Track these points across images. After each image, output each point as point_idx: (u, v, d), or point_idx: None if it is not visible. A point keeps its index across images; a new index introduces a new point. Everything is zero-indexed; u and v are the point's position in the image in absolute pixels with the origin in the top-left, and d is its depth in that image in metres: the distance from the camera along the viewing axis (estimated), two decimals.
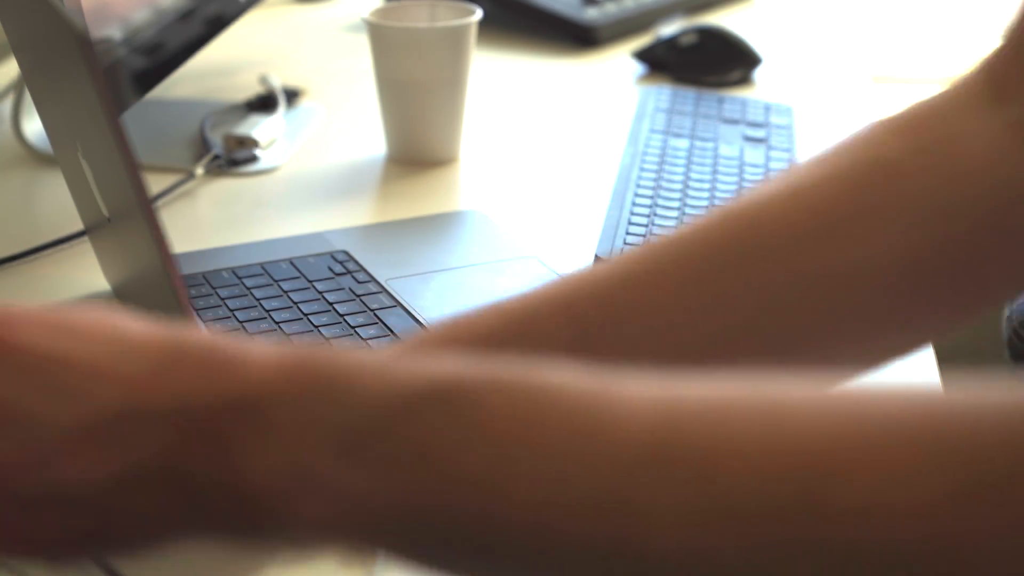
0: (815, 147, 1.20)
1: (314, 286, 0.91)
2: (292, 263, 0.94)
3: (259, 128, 1.19)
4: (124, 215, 0.70)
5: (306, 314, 0.87)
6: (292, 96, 1.29)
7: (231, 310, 0.88)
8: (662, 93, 1.28)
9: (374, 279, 0.92)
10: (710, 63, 1.37)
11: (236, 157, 1.15)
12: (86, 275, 0.94)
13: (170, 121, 1.23)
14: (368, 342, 0.83)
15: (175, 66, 1.20)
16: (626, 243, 0.96)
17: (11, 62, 1.23)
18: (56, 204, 1.05)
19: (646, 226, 1.00)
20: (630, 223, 1.00)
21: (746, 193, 0.60)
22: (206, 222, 1.06)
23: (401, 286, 0.91)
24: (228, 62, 1.41)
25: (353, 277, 0.92)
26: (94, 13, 1.09)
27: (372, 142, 1.20)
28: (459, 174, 1.15)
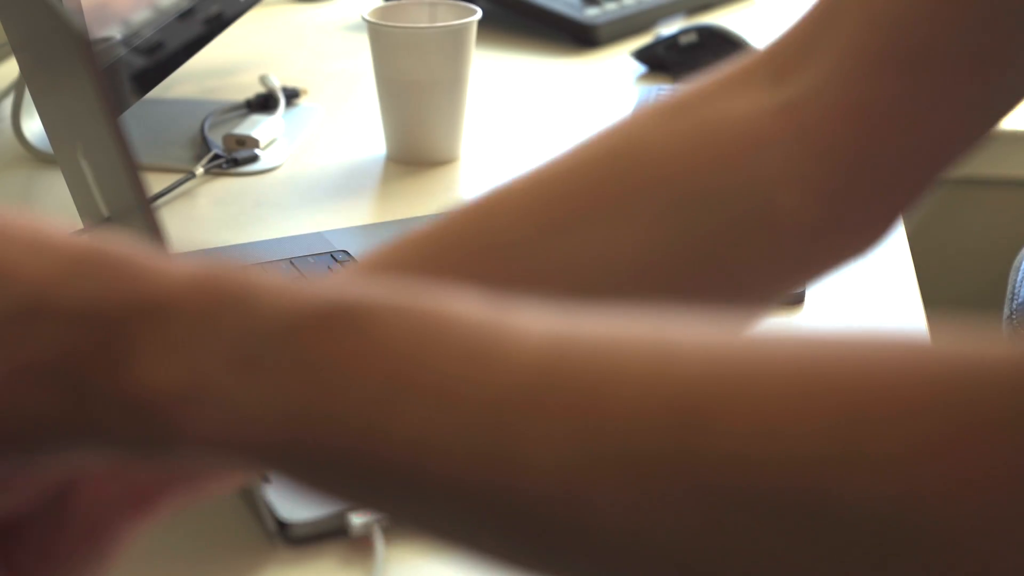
0: None
1: None
2: (292, 263, 0.94)
3: (259, 128, 1.19)
4: (124, 215, 0.70)
5: None
6: (292, 96, 1.29)
7: None
8: (662, 93, 1.28)
9: None
10: (711, 63, 1.37)
11: (236, 157, 1.15)
12: None
13: (170, 121, 1.23)
14: None
15: (175, 66, 1.20)
16: None
17: (11, 62, 1.23)
18: (56, 204, 1.05)
19: None
20: None
21: (498, 184, 0.57)
22: (206, 222, 1.06)
23: None
24: (228, 62, 1.41)
25: None
26: (94, 13, 1.09)
27: (372, 142, 1.20)
28: (459, 174, 1.15)
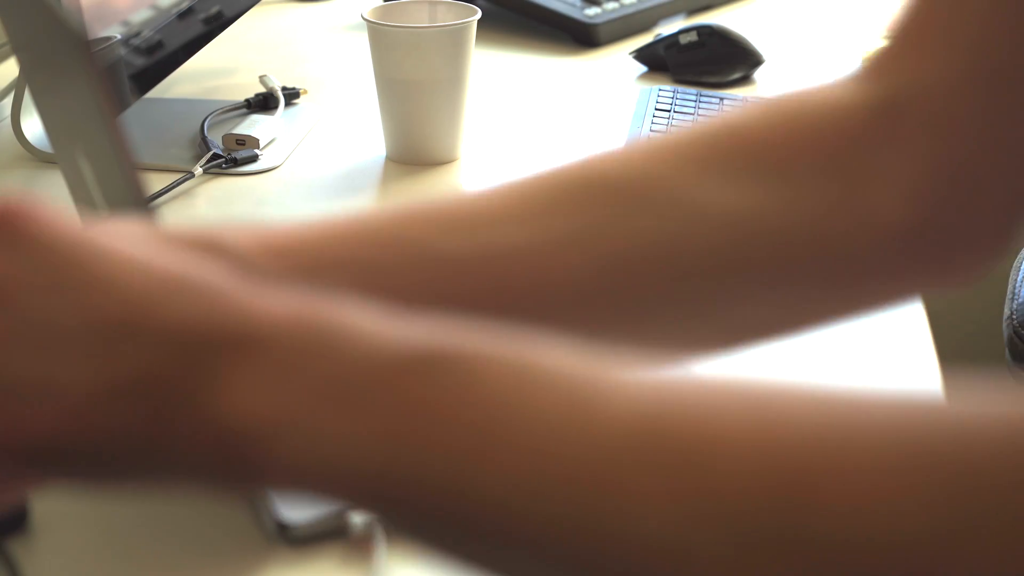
0: None
1: None
2: None
3: (259, 128, 1.19)
4: (124, 215, 0.70)
5: None
6: (292, 96, 1.29)
7: None
8: (662, 93, 1.28)
9: None
10: (711, 63, 1.37)
11: (236, 157, 1.15)
12: None
13: (170, 121, 1.23)
14: None
15: (175, 66, 1.20)
16: None
17: (11, 62, 1.23)
18: (56, 204, 1.05)
19: None
20: None
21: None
22: (206, 222, 1.06)
23: None
24: (228, 62, 1.41)
25: None
26: (94, 13, 1.09)
27: (372, 142, 1.20)
28: (459, 174, 1.15)
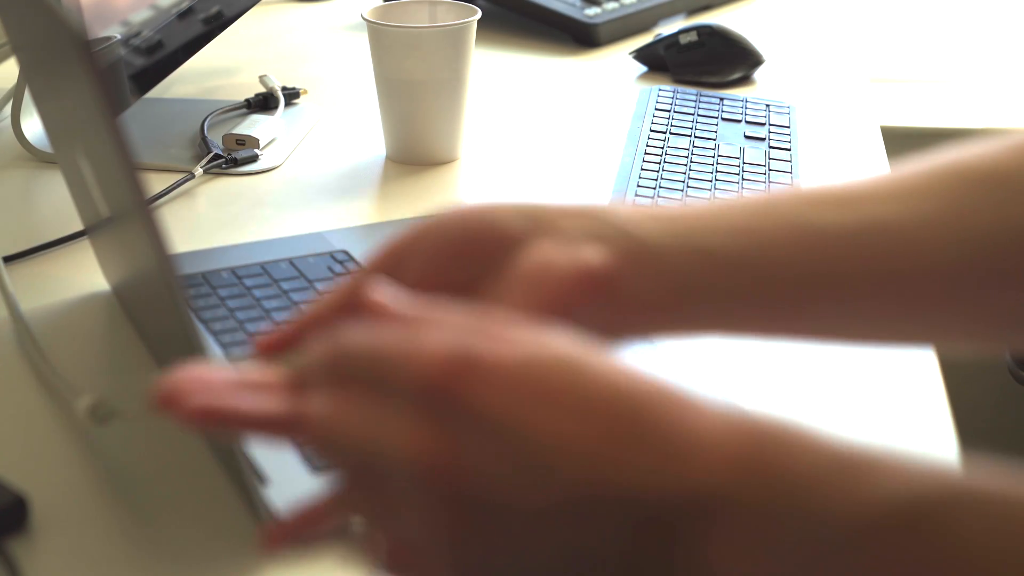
0: (815, 146, 1.20)
1: (314, 286, 0.90)
2: (292, 263, 0.94)
3: (259, 128, 1.19)
4: (124, 215, 0.70)
5: None
6: (292, 96, 1.29)
7: (231, 310, 0.88)
8: (662, 93, 1.28)
9: None
10: (711, 63, 1.37)
11: (236, 157, 1.15)
12: (86, 275, 0.94)
13: (170, 121, 1.23)
14: None
15: (175, 66, 1.20)
16: None
17: (11, 62, 1.23)
18: (56, 204, 1.05)
19: None
20: None
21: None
22: (206, 222, 1.06)
23: None
24: (228, 62, 1.41)
25: None
26: (94, 13, 1.09)
27: (372, 142, 1.20)
28: (459, 174, 1.15)
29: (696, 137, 1.18)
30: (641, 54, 1.41)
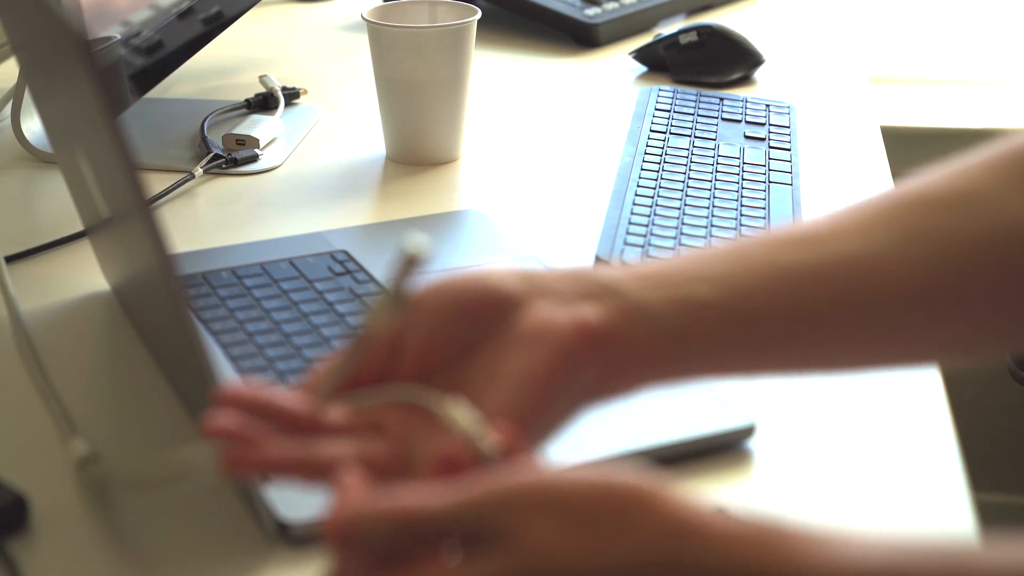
0: (815, 146, 1.20)
1: (314, 286, 0.90)
2: (292, 263, 0.94)
3: (259, 128, 1.19)
4: (124, 215, 0.70)
5: (306, 314, 0.87)
6: (292, 96, 1.29)
7: (231, 310, 0.88)
8: (662, 93, 1.28)
9: (374, 279, 0.92)
10: (711, 63, 1.37)
11: (236, 157, 1.15)
12: (86, 275, 0.94)
13: (170, 121, 1.23)
14: None
15: (175, 66, 1.20)
16: (626, 243, 0.96)
17: (11, 62, 1.23)
18: (56, 204, 1.05)
19: (646, 226, 0.99)
20: (630, 223, 1.00)
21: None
22: (206, 222, 1.06)
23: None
24: (228, 62, 1.41)
25: (353, 277, 0.92)
26: (94, 13, 1.09)
27: (372, 142, 1.20)
28: (459, 174, 1.15)
29: (696, 137, 1.18)
30: (641, 54, 1.41)
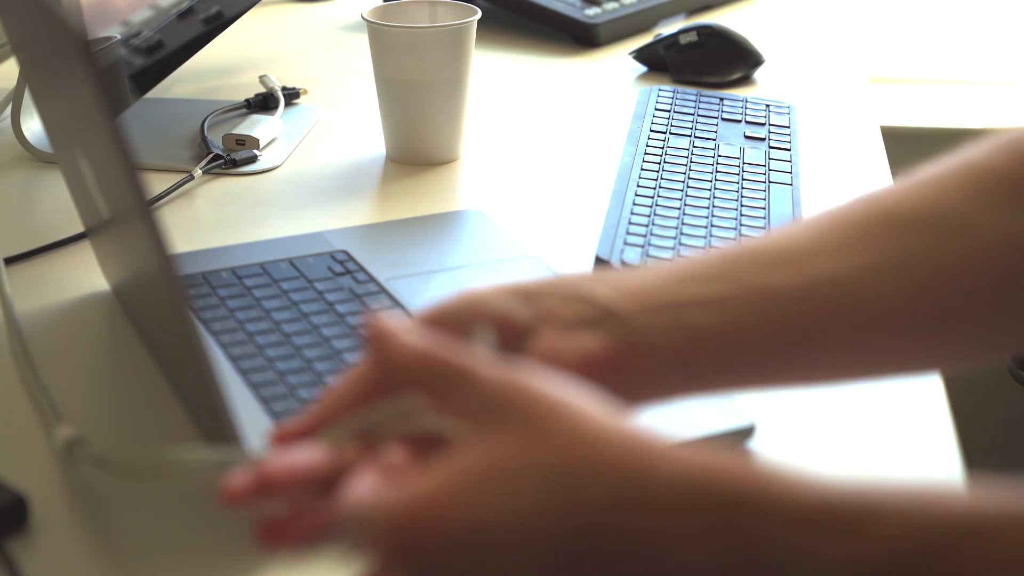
0: (815, 146, 1.20)
1: (314, 286, 0.90)
2: (292, 263, 0.94)
3: (259, 128, 1.19)
4: (124, 215, 0.70)
5: (306, 314, 0.87)
6: (292, 96, 1.29)
7: (231, 310, 0.88)
8: (662, 93, 1.28)
9: (374, 279, 0.92)
10: (711, 63, 1.37)
11: (236, 157, 1.15)
12: (86, 275, 0.94)
13: (170, 121, 1.23)
14: None
15: (175, 66, 1.20)
16: (626, 243, 0.96)
17: (11, 62, 1.23)
18: (56, 204, 1.05)
19: (646, 226, 0.99)
20: (630, 223, 1.00)
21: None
22: (206, 222, 1.06)
23: (401, 286, 0.91)
24: (228, 62, 1.41)
25: (353, 277, 0.92)
26: (94, 13, 1.09)
27: (372, 142, 1.20)
28: (459, 174, 1.15)
29: (696, 137, 1.18)
30: (641, 54, 1.41)
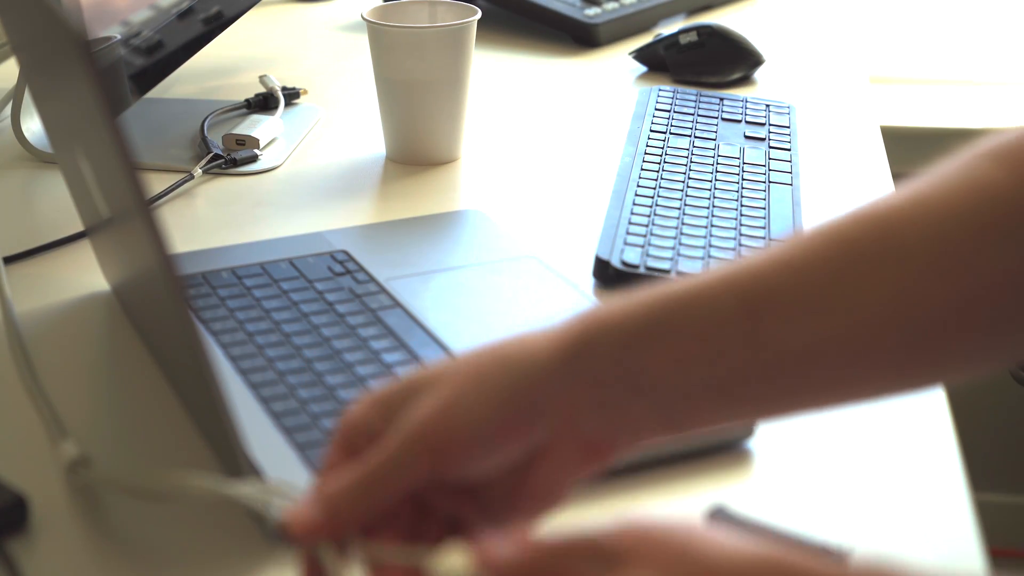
0: (815, 146, 1.20)
1: (314, 286, 0.90)
2: (292, 263, 0.94)
3: (259, 128, 1.19)
4: (124, 215, 0.70)
5: (306, 314, 0.87)
6: (292, 96, 1.29)
7: (231, 310, 0.88)
8: (662, 93, 1.28)
9: (374, 279, 0.92)
10: (711, 63, 1.37)
11: (236, 157, 1.15)
12: (86, 275, 0.94)
13: (170, 121, 1.23)
14: (368, 342, 0.83)
15: (175, 65, 1.20)
16: (626, 243, 0.96)
17: (11, 62, 1.23)
18: (56, 204, 1.05)
19: (646, 226, 0.99)
20: (630, 223, 1.00)
21: (875, 200, 0.61)
22: (206, 222, 1.06)
23: (401, 286, 0.91)
24: (228, 62, 1.41)
25: (353, 277, 0.92)
26: (94, 13, 1.09)
27: (372, 142, 1.20)
28: (459, 174, 1.15)
29: (696, 137, 1.18)
30: (641, 54, 1.41)
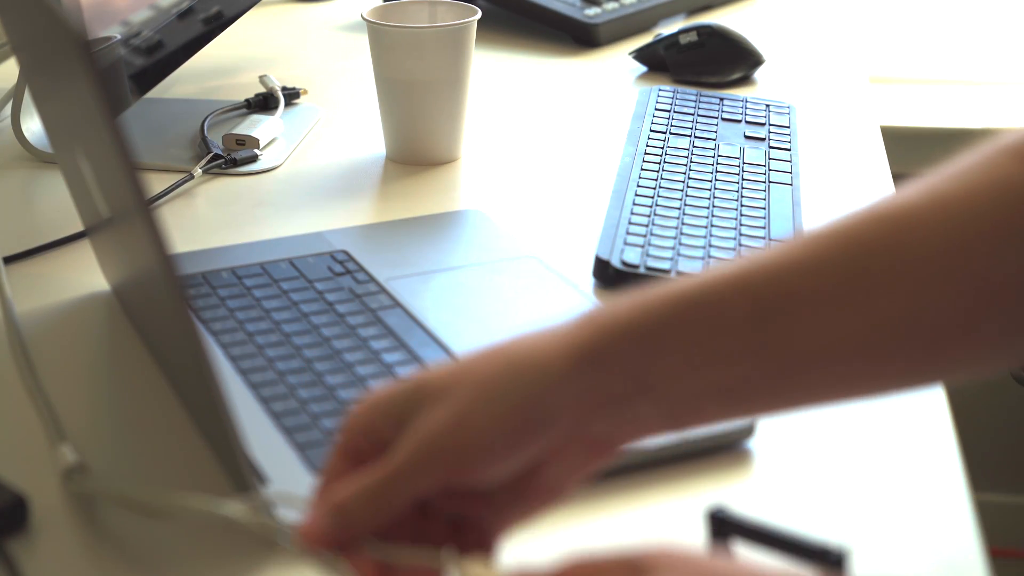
0: (815, 146, 1.20)
1: (314, 286, 0.90)
2: (292, 263, 0.94)
3: (259, 128, 1.19)
4: (124, 215, 0.70)
5: (306, 314, 0.87)
6: (292, 96, 1.29)
7: (231, 310, 0.88)
8: (662, 93, 1.28)
9: (374, 279, 0.92)
10: (711, 63, 1.37)
11: (236, 157, 1.15)
12: (86, 275, 0.94)
13: (170, 121, 1.23)
14: (368, 342, 0.83)
15: (175, 65, 1.20)
16: (626, 243, 0.96)
17: (11, 62, 1.23)
18: (56, 204, 1.05)
19: (646, 226, 0.99)
20: (630, 223, 1.00)
21: (888, 197, 0.60)
22: (206, 222, 1.06)
23: (401, 286, 0.91)
24: (228, 62, 1.41)
25: (353, 277, 0.92)
26: (94, 12, 1.09)
27: (372, 142, 1.20)
28: (459, 174, 1.15)
29: (696, 137, 1.18)
30: (641, 54, 1.41)
